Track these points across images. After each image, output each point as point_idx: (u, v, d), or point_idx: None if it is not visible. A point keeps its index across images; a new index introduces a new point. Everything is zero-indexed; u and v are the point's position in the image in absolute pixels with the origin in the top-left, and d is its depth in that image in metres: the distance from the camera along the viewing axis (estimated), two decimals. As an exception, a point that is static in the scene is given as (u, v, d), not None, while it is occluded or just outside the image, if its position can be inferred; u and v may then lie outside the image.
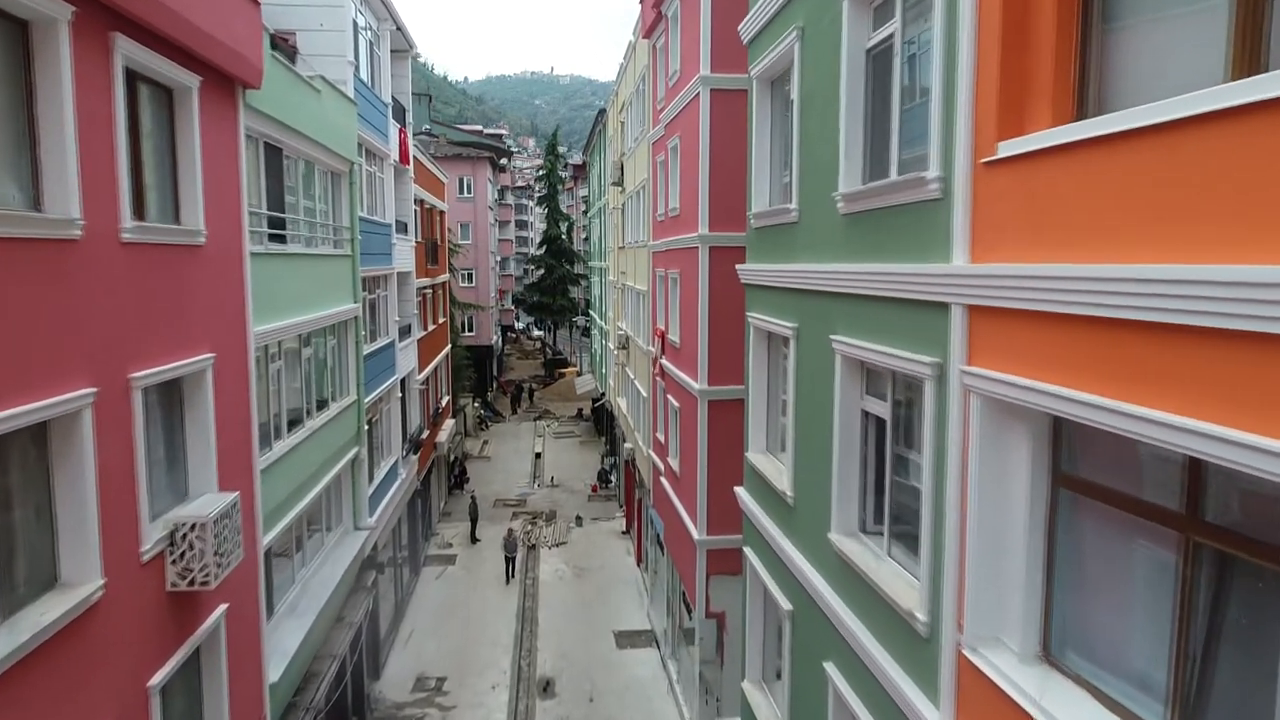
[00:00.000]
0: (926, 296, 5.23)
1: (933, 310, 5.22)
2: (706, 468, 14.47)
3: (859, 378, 6.78)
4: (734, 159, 13.88)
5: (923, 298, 5.28)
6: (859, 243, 6.49)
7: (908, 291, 5.49)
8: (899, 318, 5.76)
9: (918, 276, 5.31)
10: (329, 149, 13.96)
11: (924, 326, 5.36)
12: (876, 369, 6.42)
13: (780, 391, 9.53)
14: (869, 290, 6.20)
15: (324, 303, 13.92)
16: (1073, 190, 3.91)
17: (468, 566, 25.28)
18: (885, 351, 5.93)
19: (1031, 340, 4.27)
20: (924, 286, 5.23)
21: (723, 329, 14.25)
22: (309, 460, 13.05)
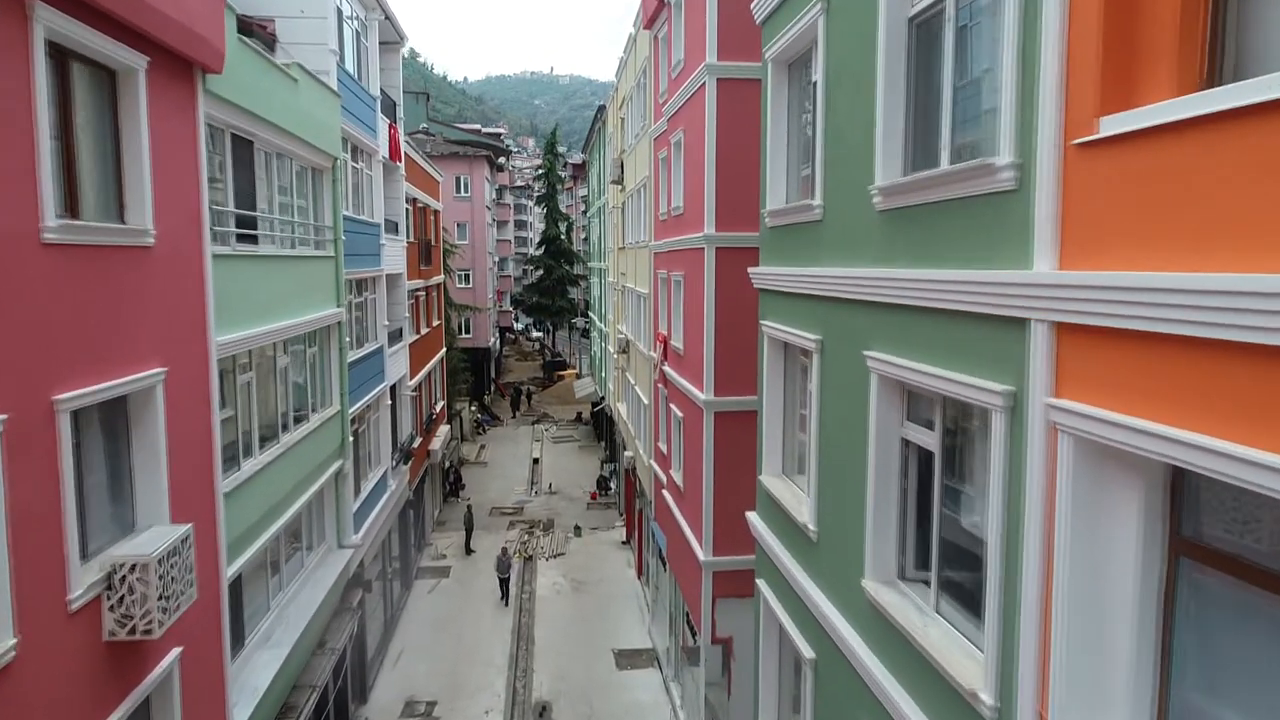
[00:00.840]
0: (995, 309, 4.29)
1: (1003, 326, 4.28)
2: (713, 484, 13.53)
3: (898, 401, 5.83)
4: (743, 153, 12.95)
5: (989, 311, 4.34)
6: (901, 244, 5.55)
7: (968, 303, 4.55)
8: (955, 334, 4.82)
9: (982, 285, 4.36)
10: (308, 143, 13.02)
11: (990, 346, 4.42)
12: (922, 392, 5.48)
13: (799, 409, 8.59)
14: (913, 300, 5.26)
15: (303, 308, 12.98)
16: (1205, 177, 2.98)
17: (462, 579, 24.33)
18: (935, 374, 4.99)
19: (1144, 369, 3.33)
20: (992, 298, 4.28)
21: (731, 336, 13.31)
22: (285, 478, 12.11)
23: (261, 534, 11.12)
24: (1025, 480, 4.07)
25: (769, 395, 8.83)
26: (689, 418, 15.03)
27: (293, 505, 12.48)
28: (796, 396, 8.60)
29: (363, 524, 16.71)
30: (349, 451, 15.46)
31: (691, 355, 14.72)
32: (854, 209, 6.30)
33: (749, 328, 13.17)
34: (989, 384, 4.36)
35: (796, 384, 8.54)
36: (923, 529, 5.73)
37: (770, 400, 8.83)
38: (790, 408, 8.74)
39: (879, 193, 5.71)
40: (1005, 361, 4.26)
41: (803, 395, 8.32)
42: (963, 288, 4.58)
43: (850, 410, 6.40)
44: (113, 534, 7.26)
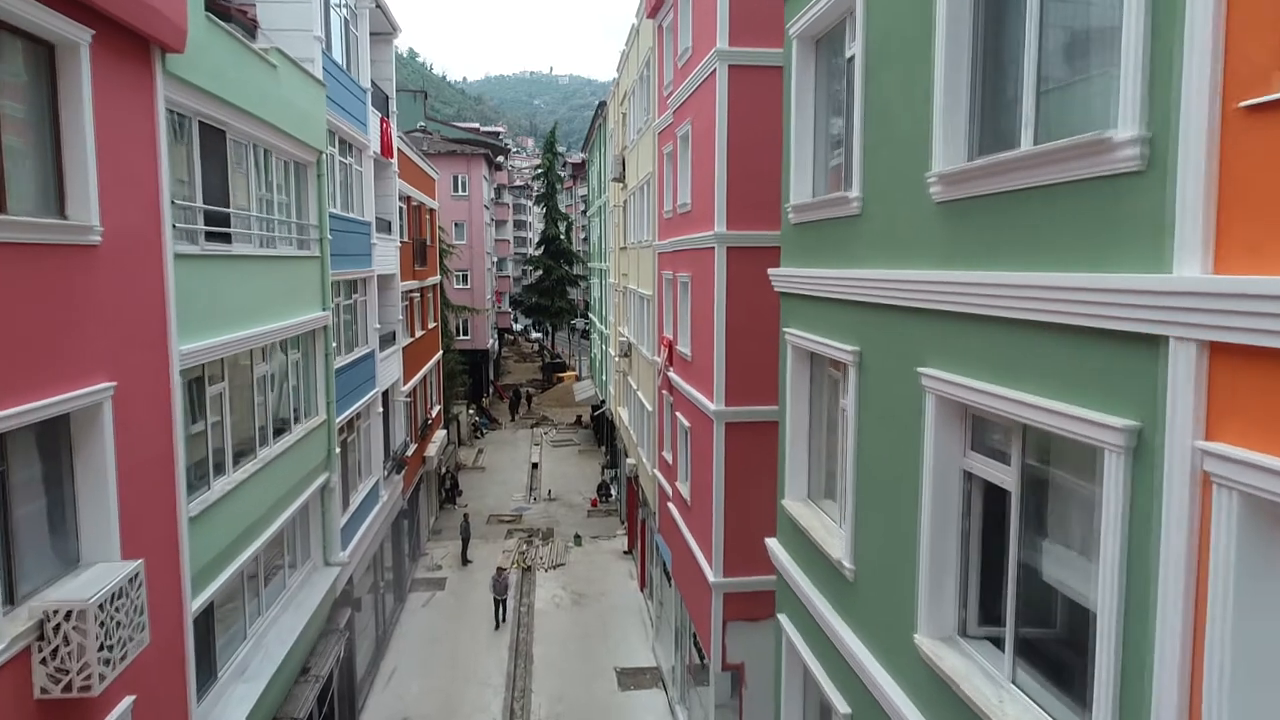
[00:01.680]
0: (1112, 323, 3.39)
1: (1122, 345, 3.39)
2: (724, 501, 12.64)
3: (960, 427, 4.95)
4: (758, 145, 12.08)
5: (1103, 324, 3.45)
6: (966, 241, 4.66)
7: (1069, 314, 3.66)
8: (1046, 352, 3.93)
9: (1094, 292, 3.47)
10: (290, 135, 12.12)
11: (1102, 368, 3.52)
12: (993, 419, 4.59)
13: (825, 426, 7.70)
14: (985, 308, 4.37)
15: (284, 311, 12.08)
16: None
17: (457, 592, 23.42)
18: (1015, 399, 4.10)
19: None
20: (1108, 308, 3.39)
21: (744, 342, 12.42)
22: (264, 496, 11.21)
23: (236, 558, 10.22)
24: (1159, 540, 3.17)
25: (792, 411, 7.94)
26: (697, 428, 14.14)
27: (273, 524, 11.58)
28: (825, 413, 7.71)
29: (351, 539, 15.81)
30: (336, 464, 14.56)
31: (700, 362, 13.83)
32: (903, 201, 5.41)
33: (764, 334, 12.30)
34: (1100, 417, 3.46)
35: (825, 399, 7.65)
36: (991, 579, 4.84)
37: (794, 416, 7.94)
38: (817, 425, 7.85)
39: (938, 181, 4.82)
40: (1125, 389, 3.37)
41: (833, 412, 7.43)
42: (1062, 295, 3.69)
43: (897, 435, 5.51)
44: (50, 574, 6.37)
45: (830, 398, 7.48)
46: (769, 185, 12.10)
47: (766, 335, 12.23)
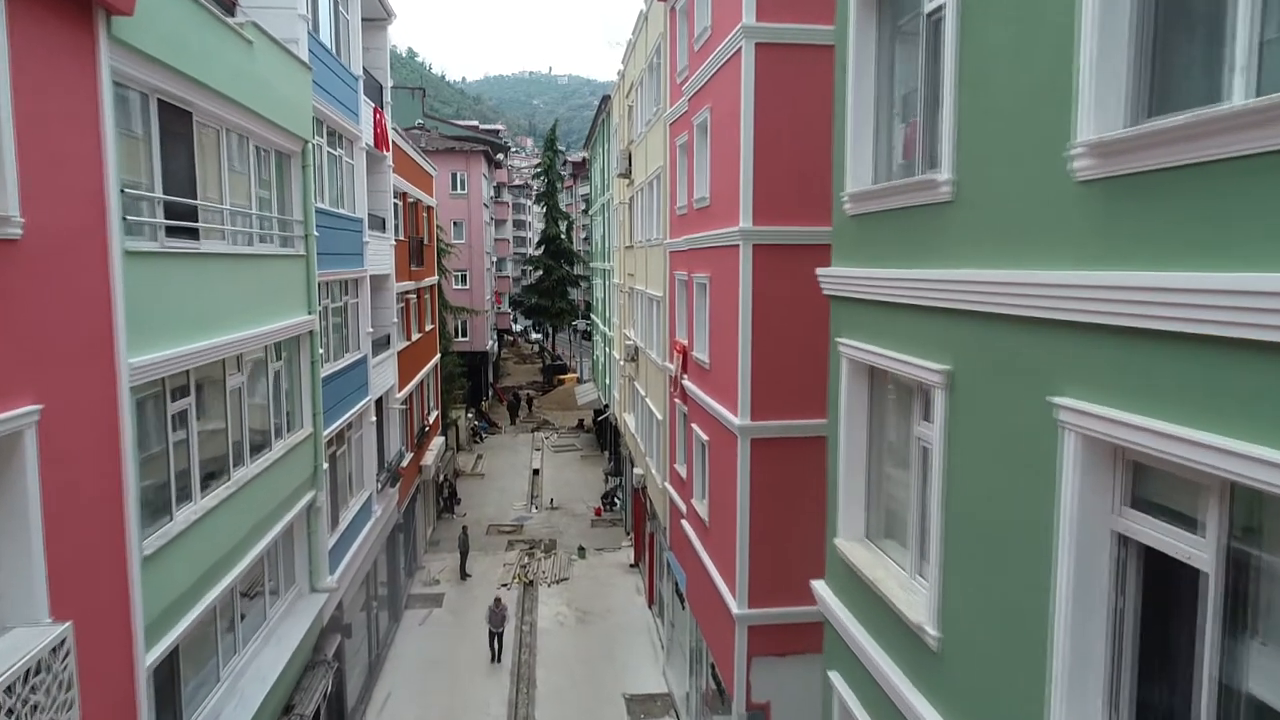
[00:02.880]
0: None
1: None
2: (749, 525, 11.46)
3: (1112, 477, 3.77)
4: (788, 131, 10.93)
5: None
6: (1132, 231, 3.48)
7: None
8: (1270, 383, 2.77)
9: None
10: (269, 120, 10.95)
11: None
12: (1172, 470, 3.42)
13: (889, 454, 6.53)
14: (1164, 321, 3.21)
15: (264, 316, 10.91)
16: None
17: (456, 609, 22.23)
18: (1219, 446, 2.93)
19: None
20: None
21: (772, 349, 11.26)
22: (239, 522, 10.03)
23: (205, 595, 9.04)
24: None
25: (847, 435, 6.76)
26: (717, 443, 12.96)
27: (250, 552, 10.41)
28: (889, 439, 6.54)
29: (340, 561, 14.63)
30: (323, 480, 13.38)
31: (721, 370, 12.66)
32: (1021, 181, 4.24)
33: (796, 340, 11.14)
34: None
35: (891, 423, 6.47)
36: (1162, 681, 3.66)
37: (849, 442, 6.76)
38: (878, 452, 6.67)
39: (1087, 153, 3.65)
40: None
41: (901, 438, 6.26)
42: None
43: (1011, 477, 4.34)
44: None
45: (898, 423, 6.30)
46: (802, 176, 10.94)
47: (798, 342, 11.09)
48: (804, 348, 11.26)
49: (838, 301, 6.97)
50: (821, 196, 11.17)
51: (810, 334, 11.20)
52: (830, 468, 7.20)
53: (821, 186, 11.16)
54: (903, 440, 6.18)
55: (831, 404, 7.12)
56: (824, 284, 7.13)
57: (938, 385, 5.09)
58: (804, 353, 11.27)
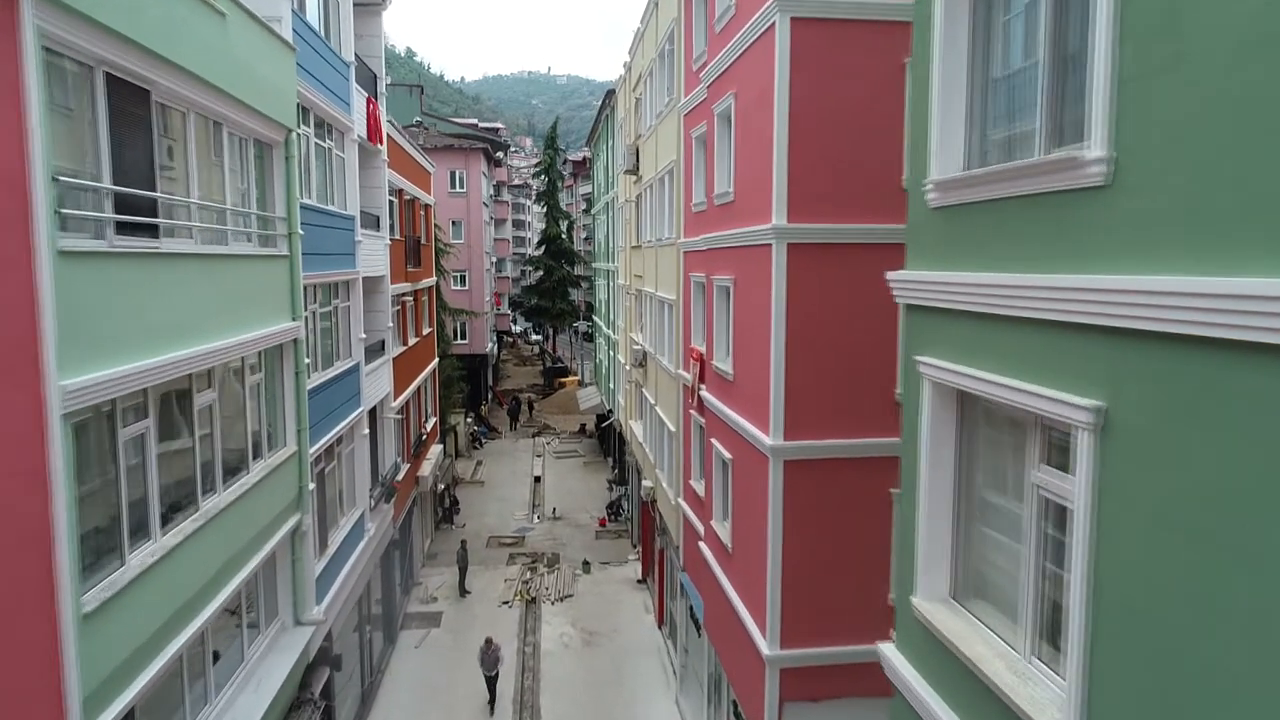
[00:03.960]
0: None
1: None
2: (782, 556, 10.28)
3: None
4: (829, 117, 9.78)
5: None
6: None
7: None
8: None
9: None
10: (246, 105, 9.77)
11: None
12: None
13: (987, 500, 5.35)
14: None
15: (239, 323, 9.73)
16: None
17: (455, 629, 21.03)
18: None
19: None
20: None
21: (810, 359, 10.08)
22: (209, 558, 8.85)
23: (166, 647, 7.85)
24: None
25: (930, 474, 5.58)
26: (743, 462, 11.78)
27: (223, 591, 9.22)
28: (981, 479, 5.36)
29: (329, 589, 13.44)
30: (309, 502, 12.19)
31: (747, 383, 11.47)
32: (1233, 157, 3.06)
33: (836, 348, 9.97)
34: None
35: (989, 462, 5.29)
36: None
37: (932, 482, 5.58)
38: (969, 496, 5.49)
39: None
40: None
41: (1004, 481, 5.08)
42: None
43: (1217, 563, 3.16)
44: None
45: (1003, 464, 5.12)
46: (841, 167, 9.79)
47: (839, 351, 9.94)
48: (846, 357, 10.10)
49: (916, 312, 5.78)
50: (865, 190, 10.02)
51: (854, 342, 10.06)
52: (904, 512, 6.01)
53: (865, 178, 10.01)
54: (1009, 487, 5.00)
55: (907, 437, 5.94)
56: (896, 290, 5.95)
57: (1084, 426, 3.90)
58: (846, 363, 10.11)
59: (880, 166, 9.96)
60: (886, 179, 9.99)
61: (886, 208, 9.97)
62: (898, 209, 9.98)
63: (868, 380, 10.18)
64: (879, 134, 9.91)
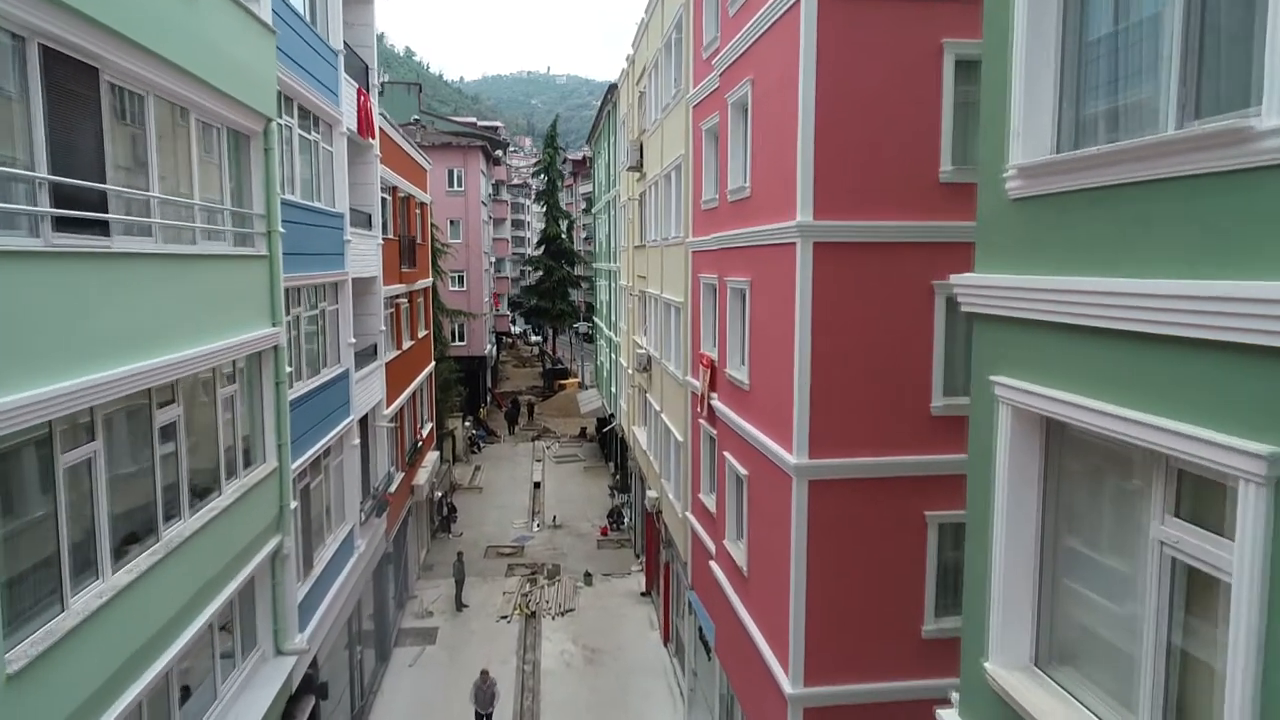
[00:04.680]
0: None
1: None
2: (806, 587, 9.37)
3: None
4: (859, 102, 8.90)
5: None
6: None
7: None
8: None
9: None
10: (218, 89, 8.86)
11: None
12: None
13: (1081, 552, 4.45)
14: None
15: (210, 330, 8.82)
16: None
17: (451, 645, 20.12)
18: None
19: None
20: None
21: (838, 369, 9.18)
22: (172, 592, 7.94)
23: (120, 696, 6.94)
24: None
25: (1009, 514, 4.67)
26: (760, 479, 10.87)
27: (191, 627, 8.32)
28: (1072, 524, 4.45)
29: (314, 614, 12.53)
30: (291, 523, 11.27)
31: (766, 394, 10.57)
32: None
33: (867, 357, 9.06)
34: None
35: (1085, 507, 4.39)
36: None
37: (1011, 527, 4.67)
38: (1055, 544, 4.59)
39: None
40: None
41: (1108, 531, 4.18)
42: None
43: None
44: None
45: (1106, 509, 4.21)
46: (873, 159, 8.90)
47: (871, 360, 9.05)
48: (877, 368, 9.20)
49: (989, 323, 4.87)
50: (898, 183, 9.09)
51: (885, 351, 9.17)
52: (973, 561, 5.10)
53: (897, 171, 9.08)
54: (1118, 538, 4.10)
55: (976, 470, 5.04)
56: (964, 297, 5.04)
57: (1250, 478, 3.00)
58: (877, 374, 9.21)
59: (913, 158, 9.06)
60: (921, 171, 9.09)
61: (922, 203, 9.08)
62: (934, 204, 9.10)
63: (900, 392, 9.28)
64: (913, 122, 9.00)
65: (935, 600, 9.61)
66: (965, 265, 9.13)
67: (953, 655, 9.73)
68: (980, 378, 4.93)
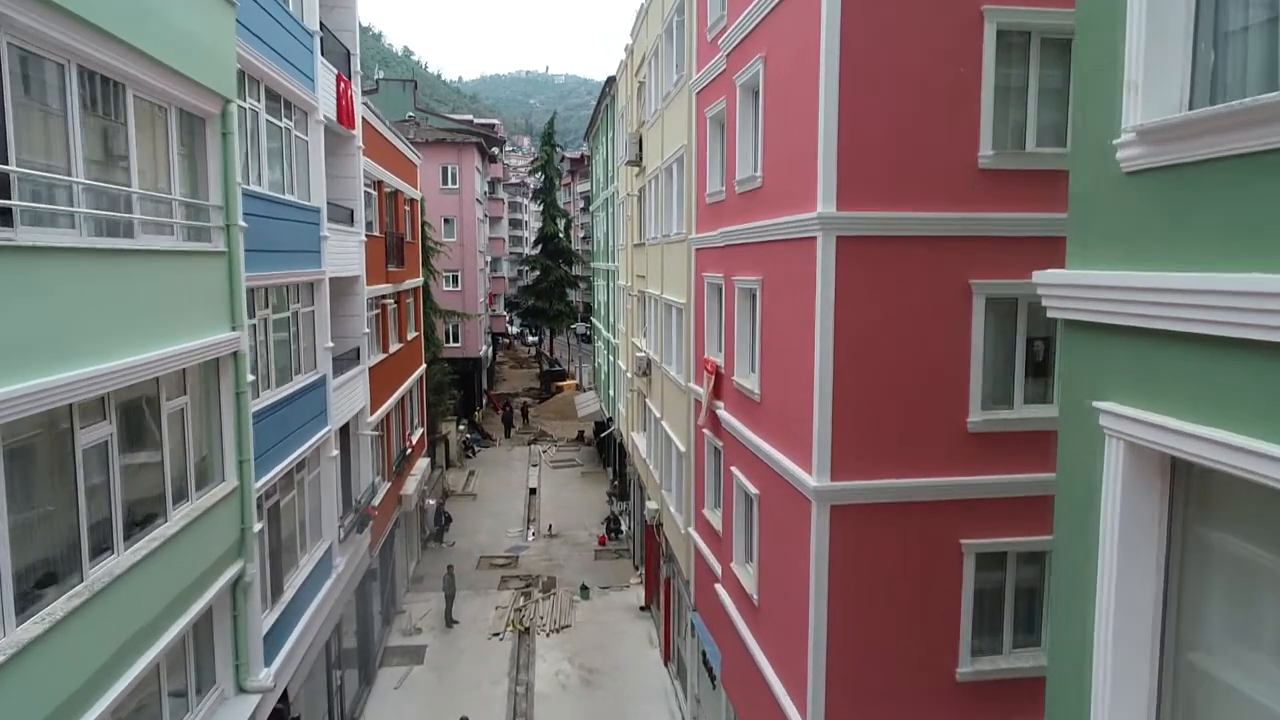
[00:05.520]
0: None
1: None
2: (827, 625, 8.30)
3: None
4: (888, 76, 7.84)
5: None
6: None
7: None
8: None
9: None
10: (162, 64, 7.80)
11: None
12: None
13: (1214, 622, 3.39)
14: None
15: (150, 336, 7.76)
16: None
17: (439, 666, 19.04)
18: None
19: None
20: None
21: (865, 379, 8.13)
22: (98, 640, 6.88)
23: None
24: None
25: (1119, 576, 3.61)
26: (773, 500, 9.81)
27: (126, 674, 7.25)
28: (1201, 595, 3.40)
29: (283, 645, 11.46)
30: (254, 547, 10.20)
31: (780, 405, 9.51)
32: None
33: (898, 365, 8.01)
34: None
35: (1222, 568, 3.33)
36: None
37: (1122, 587, 3.61)
38: (1176, 609, 3.53)
39: None
40: None
41: (1253, 605, 3.12)
42: None
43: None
44: None
45: (1262, 582, 3.15)
46: (908, 141, 7.85)
47: (898, 371, 8.01)
48: (907, 378, 8.15)
49: (1090, 333, 3.81)
50: (933, 169, 8.04)
51: (916, 358, 8.13)
52: (1064, 633, 4.03)
53: (935, 155, 7.97)
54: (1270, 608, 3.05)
55: (1066, 521, 3.97)
56: (1053, 300, 3.98)
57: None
58: (907, 385, 8.16)
59: (948, 141, 8.01)
60: (957, 156, 8.04)
61: (958, 192, 8.03)
62: (972, 193, 8.04)
63: (933, 406, 8.24)
64: (948, 100, 7.95)
65: (971, 639, 8.55)
66: (1008, 261, 8.08)
67: (991, 701, 8.70)
68: (1075, 403, 3.87)
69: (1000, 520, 8.37)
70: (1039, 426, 8.33)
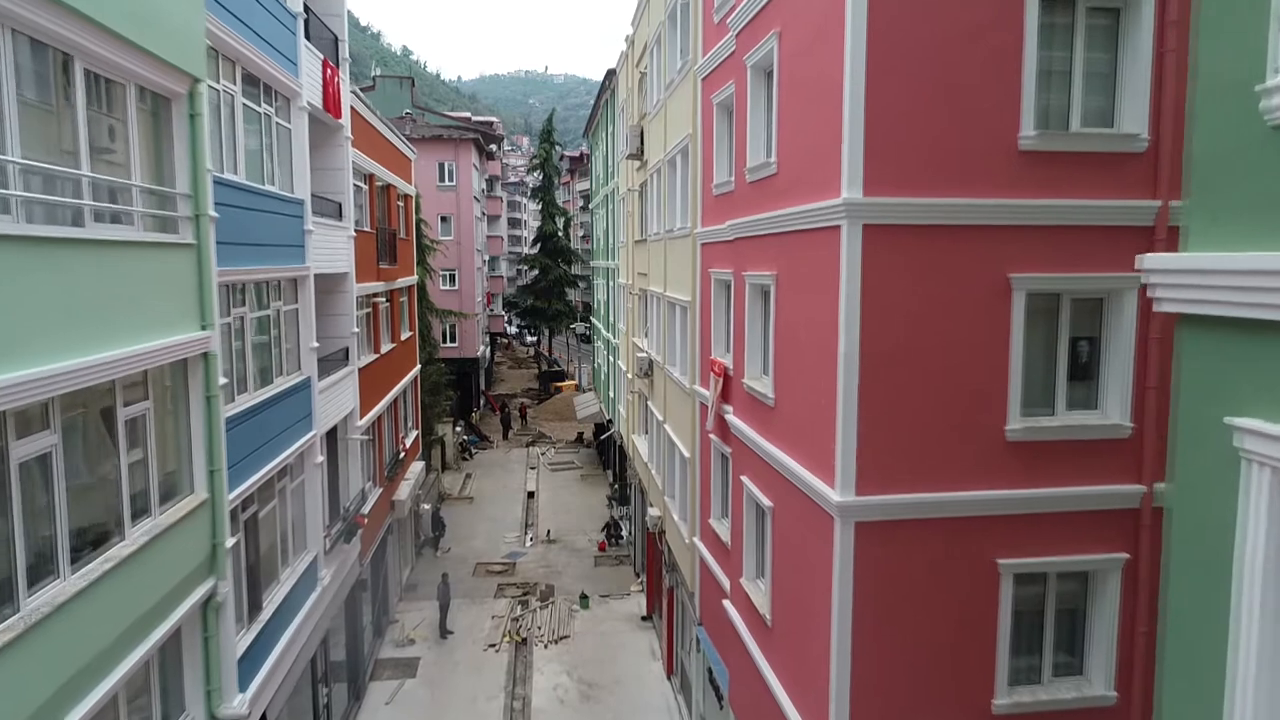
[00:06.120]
0: None
1: None
2: (852, 656, 7.55)
3: None
4: (924, 52, 7.10)
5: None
6: None
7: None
8: None
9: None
10: (117, 35, 7.05)
11: None
12: None
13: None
14: None
15: (104, 335, 7.01)
16: None
17: (433, 679, 18.27)
18: None
19: None
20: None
21: (894, 384, 7.37)
22: (39, 675, 6.12)
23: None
24: None
25: (1264, 624, 2.86)
26: (790, 515, 9.05)
27: (77, 709, 6.50)
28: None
29: (261, 666, 10.70)
30: (228, 563, 9.44)
31: (797, 411, 8.75)
32: None
33: (930, 369, 7.26)
34: None
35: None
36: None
37: (1266, 639, 2.86)
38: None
39: None
40: None
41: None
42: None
43: None
44: None
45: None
46: (940, 121, 7.11)
47: (930, 375, 7.24)
48: (941, 382, 7.39)
49: (1218, 331, 3.06)
50: (972, 151, 7.26)
51: (950, 361, 7.36)
52: (1182, 685, 3.27)
53: (971, 136, 7.24)
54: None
55: (1185, 553, 3.22)
56: (1168, 291, 3.22)
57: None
58: (941, 389, 7.40)
59: (986, 120, 7.25)
60: (996, 137, 7.29)
61: (996, 176, 7.29)
62: (1012, 178, 7.29)
63: (967, 413, 7.48)
64: (985, 74, 7.20)
65: (1009, 667, 7.80)
66: (1050, 253, 7.30)
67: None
68: (1198, 416, 3.12)
69: (1042, 538, 7.62)
70: (1083, 435, 7.60)
